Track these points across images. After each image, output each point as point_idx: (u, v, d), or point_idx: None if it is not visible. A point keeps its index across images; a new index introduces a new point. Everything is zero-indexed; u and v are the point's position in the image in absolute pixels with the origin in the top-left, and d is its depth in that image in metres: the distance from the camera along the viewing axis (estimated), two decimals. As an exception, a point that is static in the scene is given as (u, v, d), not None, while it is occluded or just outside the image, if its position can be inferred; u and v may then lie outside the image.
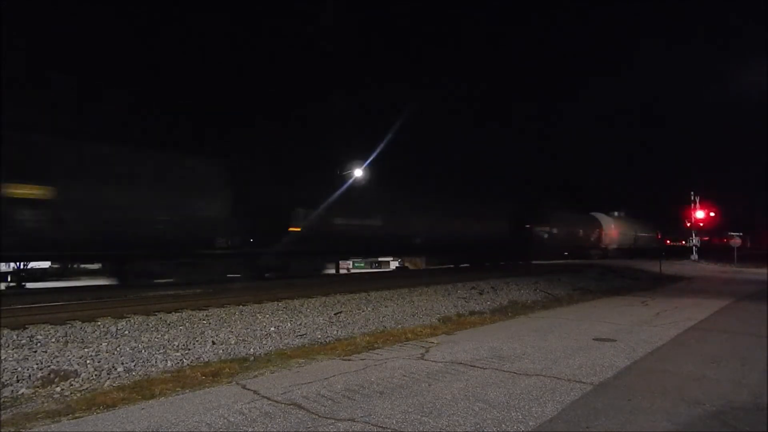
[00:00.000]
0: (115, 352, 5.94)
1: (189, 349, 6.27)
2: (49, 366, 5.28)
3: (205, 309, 9.02)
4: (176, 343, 6.49)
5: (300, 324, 8.03)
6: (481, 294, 12.55)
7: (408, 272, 23.06)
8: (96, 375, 5.17)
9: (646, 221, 45.50)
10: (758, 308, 10.32)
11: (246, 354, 6.19)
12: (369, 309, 9.70)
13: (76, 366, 5.34)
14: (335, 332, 7.65)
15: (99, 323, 7.59)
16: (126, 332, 7.12)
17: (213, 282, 13.17)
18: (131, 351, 6.03)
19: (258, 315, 8.57)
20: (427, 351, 6.19)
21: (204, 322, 7.88)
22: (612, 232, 37.54)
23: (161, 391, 4.56)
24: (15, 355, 5.66)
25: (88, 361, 5.52)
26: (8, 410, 4.16)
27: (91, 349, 6.00)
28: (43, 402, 4.40)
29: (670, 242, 50.62)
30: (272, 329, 7.58)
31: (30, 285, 14.34)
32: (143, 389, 4.62)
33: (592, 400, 4.22)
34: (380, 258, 27.79)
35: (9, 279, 15.92)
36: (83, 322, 7.60)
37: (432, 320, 8.92)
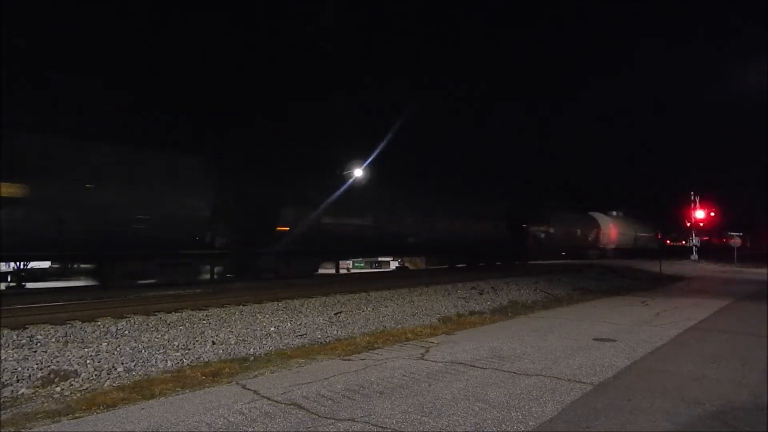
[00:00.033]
0: (115, 352, 5.95)
1: (189, 349, 6.27)
2: (49, 366, 5.28)
3: (205, 309, 9.03)
4: (176, 343, 6.49)
5: (300, 324, 8.04)
6: (481, 294, 12.55)
7: (408, 272, 23.02)
8: (96, 375, 5.18)
9: (646, 221, 45.45)
10: (758, 308, 10.32)
11: (246, 354, 6.19)
12: (369, 309, 9.70)
13: (76, 366, 5.34)
14: (335, 332, 7.65)
15: (99, 323, 7.60)
16: (126, 332, 7.12)
17: (195, 283, 12.79)
18: (131, 351, 6.03)
19: (258, 315, 8.57)
20: (427, 351, 6.19)
21: (204, 322, 7.88)
22: (610, 232, 37.41)
23: (161, 391, 4.56)
24: (15, 355, 5.66)
25: (88, 361, 5.52)
26: (8, 410, 4.16)
27: (91, 349, 6.01)
28: (43, 402, 4.40)
29: (670, 242, 50.63)
30: (272, 329, 7.58)
31: (30, 285, 14.32)
32: (143, 389, 4.62)
33: (592, 400, 4.22)
34: (380, 258, 27.66)
35: (9, 279, 15.90)
36: (83, 322, 7.60)
37: (432, 320, 8.92)
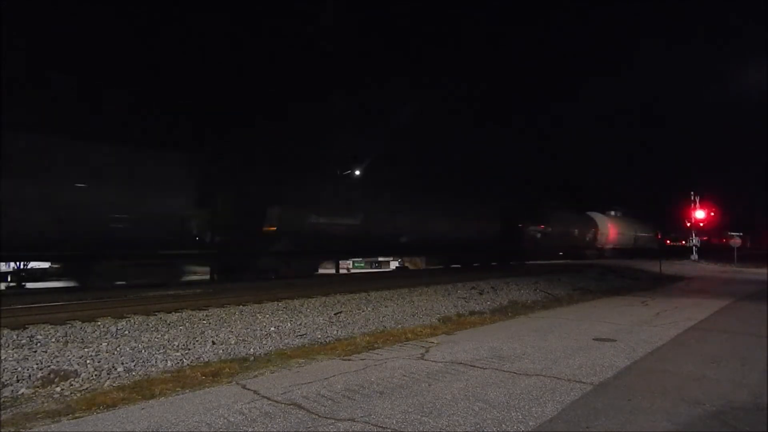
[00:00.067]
0: (115, 352, 5.95)
1: (189, 349, 6.27)
2: (49, 366, 5.28)
3: (205, 309, 9.03)
4: (176, 343, 6.49)
5: (300, 324, 8.03)
6: (481, 294, 12.55)
7: (408, 272, 23.01)
8: (96, 375, 5.18)
9: (646, 221, 45.31)
10: (758, 308, 10.32)
11: (246, 354, 6.19)
12: (369, 309, 9.70)
13: (76, 366, 5.34)
14: (335, 332, 7.65)
15: (99, 323, 7.59)
16: (126, 332, 7.12)
17: (175, 285, 12.43)
18: (131, 351, 6.03)
19: (258, 315, 8.57)
20: (427, 351, 6.19)
21: (204, 322, 7.88)
22: (608, 232, 37.19)
23: (161, 391, 4.56)
24: (15, 355, 5.66)
25: (88, 361, 5.52)
26: (8, 410, 4.16)
27: (91, 349, 6.00)
28: (43, 402, 4.40)
29: (670, 242, 50.58)
30: (272, 329, 7.58)
31: (30, 285, 14.32)
32: (143, 389, 4.62)
33: (592, 400, 4.22)
34: (380, 258, 27.58)
35: (9, 279, 15.91)
36: (83, 322, 7.60)
37: (432, 320, 8.92)
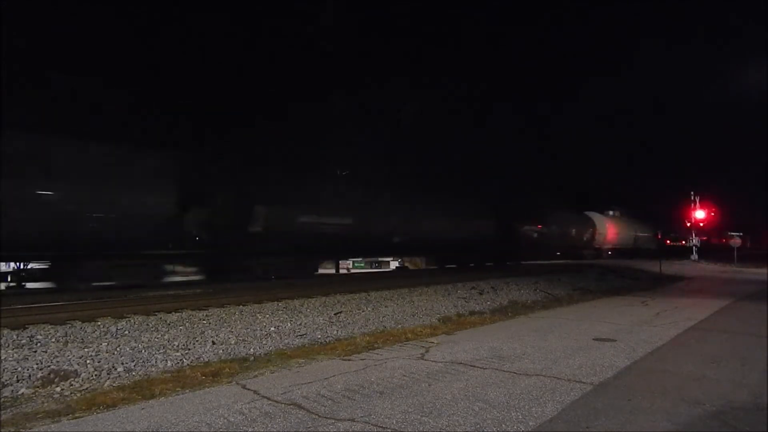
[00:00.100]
0: (115, 352, 5.95)
1: (189, 349, 6.27)
2: (49, 366, 5.28)
3: (205, 309, 9.03)
4: (176, 343, 6.49)
5: (300, 324, 8.04)
6: (481, 294, 12.56)
7: (408, 272, 23.02)
8: (96, 375, 5.18)
9: (646, 221, 45.23)
10: (758, 308, 10.32)
11: (246, 354, 6.19)
12: (369, 309, 9.70)
13: (76, 366, 5.34)
14: (335, 332, 7.65)
15: (99, 323, 7.60)
16: (126, 332, 7.13)
17: (156, 286, 12.26)
18: (131, 351, 6.03)
19: (258, 315, 8.57)
20: (427, 351, 6.18)
21: (204, 322, 7.88)
22: (607, 232, 36.99)
23: (161, 391, 4.56)
24: (15, 355, 5.66)
25: (88, 361, 5.52)
26: (8, 410, 4.16)
27: (91, 349, 6.01)
28: (43, 402, 4.40)
29: (670, 242, 50.53)
30: (272, 329, 7.58)
31: (30, 285, 14.31)
32: (143, 389, 4.62)
33: (592, 400, 4.22)
34: (380, 258, 27.53)
35: (9, 279, 15.90)
36: (83, 322, 7.61)
37: (432, 320, 8.92)
